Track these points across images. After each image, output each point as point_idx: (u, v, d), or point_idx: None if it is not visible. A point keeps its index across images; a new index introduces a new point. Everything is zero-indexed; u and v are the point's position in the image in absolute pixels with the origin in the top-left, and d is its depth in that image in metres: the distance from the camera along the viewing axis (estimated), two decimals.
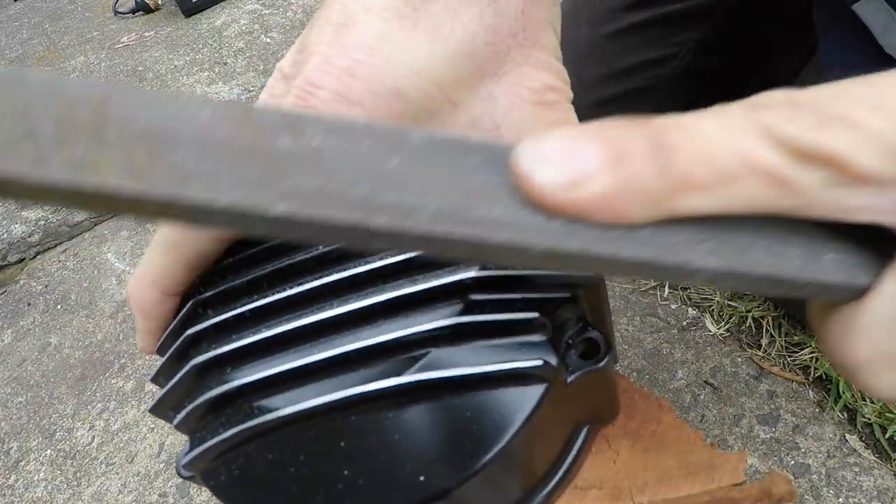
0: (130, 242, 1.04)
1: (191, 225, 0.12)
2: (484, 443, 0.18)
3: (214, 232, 0.21)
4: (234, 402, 0.19)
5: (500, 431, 0.18)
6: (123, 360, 0.84)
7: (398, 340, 0.19)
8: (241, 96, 1.16)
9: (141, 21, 1.51)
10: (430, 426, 0.18)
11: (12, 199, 0.11)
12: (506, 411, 0.18)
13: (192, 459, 0.20)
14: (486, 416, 0.18)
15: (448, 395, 0.18)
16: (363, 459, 0.18)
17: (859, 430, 0.56)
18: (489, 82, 0.23)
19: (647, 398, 0.27)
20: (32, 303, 0.98)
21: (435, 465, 0.18)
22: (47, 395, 0.83)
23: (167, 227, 0.21)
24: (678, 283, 0.14)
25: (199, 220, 0.11)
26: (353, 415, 0.18)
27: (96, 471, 0.72)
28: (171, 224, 0.20)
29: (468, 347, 0.19)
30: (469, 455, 0.18)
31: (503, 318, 0.19)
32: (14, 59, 1.46)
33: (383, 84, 0.20)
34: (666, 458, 0.27)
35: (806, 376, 0.60)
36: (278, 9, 1.39)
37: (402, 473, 0.18)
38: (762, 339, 0.64)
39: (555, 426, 0.21)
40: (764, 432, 0.57)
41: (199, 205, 0.11)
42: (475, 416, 0.18)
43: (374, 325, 0.19)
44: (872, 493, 0.52)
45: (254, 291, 0.21)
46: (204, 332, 0.21)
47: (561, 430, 0.22)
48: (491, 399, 0.18)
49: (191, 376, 0.20)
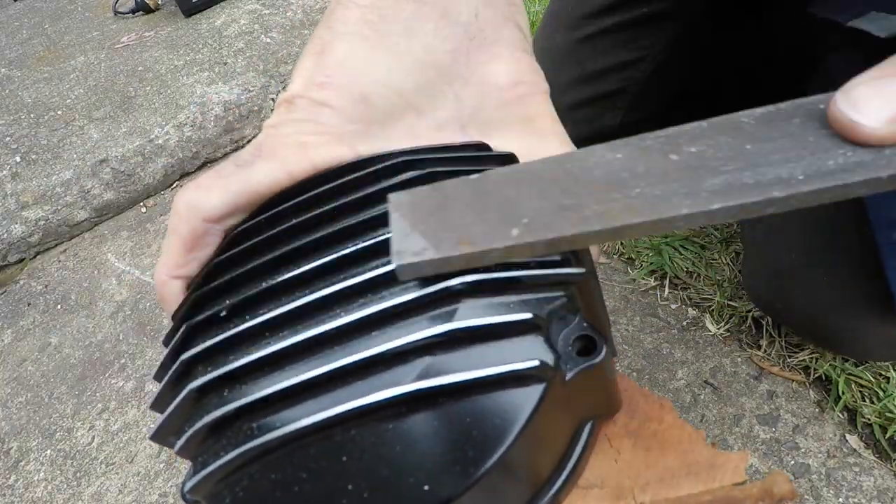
0: (130, 242, 1.04)
1: (657, 232, 0.17)
2: (486, 448, 0.18)
3: (206, 217, 0.23)
4: (234, 423, 0.19)
5: (501, 435, 0.18)
6: (123, 360, 0.84)
7: (394, 350, 0.19)
8: (240, 96, 1.16)
9: (141, 21, 1.51)
10: (431, 435, 0.18)
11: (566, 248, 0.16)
12: (506, 414, 0.18)
13: (195, 484, 0.19)
14: (487, 420, 0.18)
15: (447, 401, 0.18)
16: (366, 473, 0.18)
17: (859, 430, 0.56)
18: (456, 85, 0.25)
19: (649, 398, 0.27)
20: (32, 303, 0.98)
21: (438, 474, 0.17)
22: (47, 395, 0.83)
23: (171, 217, 0.24)
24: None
25: (669, 229, 0.16)
26: (353, 428, 0.18)
27: (96, 471, 0.72)
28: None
29: (465, 353, 0.19)
30: (472, 461, 0.18)
31: (498, 320, 0.19)
32: (14, 59, 1.46)
33: (351, 91, 0.24)
34: (667, 458, 0.27)
35: (806, 376, 0.60)
36: (278, 9, 1.39)
37: (405, 485, 0.17)
38: (762, 339, 0.64)
39: (557, 425, 0.21)
40: (764, 432, 0.57)
41: (666, 219, 0.15)
42: (476, 422, 0.18)
43: (368, 336, 0.19)
44: (872, 493, 0.52)
45: (246, 309, 0.21)
46: (198, 356, 0.21)
47: (564, 428, 0.22)
48: (491, 402, 0.18)
49: (188, 400, 0.20)
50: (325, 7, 1.36)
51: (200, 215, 0.23)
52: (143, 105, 1.18)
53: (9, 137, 1.17)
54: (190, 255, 0.24)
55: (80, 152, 1.10)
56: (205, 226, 0.23)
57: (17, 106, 1.26)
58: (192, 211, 0.23)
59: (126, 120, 1.15)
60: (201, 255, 0.24)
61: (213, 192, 0.23)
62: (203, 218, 0.23)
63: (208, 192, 0.23)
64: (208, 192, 0.23)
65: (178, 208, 0.23)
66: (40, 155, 1.11)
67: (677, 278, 0.72)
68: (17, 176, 1.08)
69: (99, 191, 1.08)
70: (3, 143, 1.16)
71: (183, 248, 0.24)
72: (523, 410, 0.18)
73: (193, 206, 0.23)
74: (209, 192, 0.23)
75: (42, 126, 1.18)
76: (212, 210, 0.23)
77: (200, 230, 0.23)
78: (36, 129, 1.18)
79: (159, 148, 1.11)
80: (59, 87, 1.30)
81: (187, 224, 0.23)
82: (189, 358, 0.21)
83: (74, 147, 1.11)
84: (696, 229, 0.75)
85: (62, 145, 1.12)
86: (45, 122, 1.19)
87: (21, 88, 1.32)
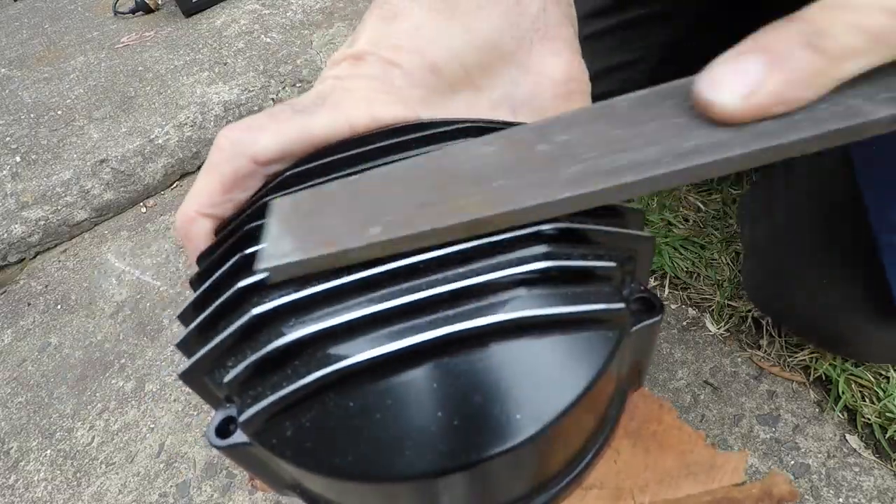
0: (130, 242, 1.04)
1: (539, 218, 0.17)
2: (572, 381, 0.18)
3: (252, 154, 0.23)
4: (305, 351, 0.19)
5: (586, 371, 0.19)
6: (123, 360, 0.84)
7: (488, 282, 0.19)
8: (240, 96, 1.16)
9: (141, 21, 1.51)
10: (522, 365, 0.19)
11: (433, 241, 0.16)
12: (590, 352, 0.19)
13: (251, 417, 0.19)
14: (573, 355, 0.19)
15: (538, 333, 0.19)
16: (457, 401, 0.18)
17: (859, 430, 0.56)
18: (514, 70, 0.26)
19: (648, 398, 0.27)
20: (32, 303, 0.98)
21: (529, 403, 0.18)
22: (47, 395, 0.83)
23: (212, 153, 0.23)
24: (857, 140, 0.15)
25: (523, 220, 0.16)
26: (444, 356, 0.18)
27: (96, 471, 0.72)
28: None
29: (553, 291, 0.19)
30: (559, 393, 0.18)
31: (588, 265, 0.20)
32: (14, 59, 1.46)
33: (422, 58, 0.24)
34: (667, 459, 0.27)
35: (806, 376, 0.60)
36: (278, 9, 1.39)
37: (496, 413, 0.18)
38: (762, 339, 0.64)
39: (611, 380, 0.22)
40: (764, 432, 0.57)
41: (517, 210, 0.16)
42: (563, 356, 0.19)
43: (455, 269, 0.19)
44: (872, 493, 0.52)
45: None
46: (256, 285, 0.20)
47: (611, 388, 0.23)
48: (576, 339, 0.19)
49: (244, 330, 0.19)
50: (324, 7, 1.36)
51: (248, 155, 0.22)
52: (143, 105, 1.18)
53: (9, 137, 1.17)
54: (227, 195, 0.23)
55: (80, 152, 1.10)
56: (251, 167, 0.22)
57: (17, 106, 1.26)
58: (239, 149, 0.22)
59: (126, 120, 1.15)
60: (239, 197, 0.23)
61: (265, 134, 0.22)
62: (251, 158, 0.22)
63: (260, 132, 0.22)
64: (260, 133, 0.22)
65: (222, 145, 0.22)
66: (40, 155, 1.11)
67: (677, 278, 0.72)
68: (17, 176, 1.08)
69: (99, 191, 1.08)
70: (3, 143, 1.16)
71: (221, 186, 0.23)
72: (605, 349, 0.19)
73: (241, 144, 0.22)
74: (261, 132, 0.22)
75: (42, 126, 1.18)
76: (262, 151, 0.22)
77: (244, 171, 0.22)
78: (36, 129, 1.18)
79: (159, 148, 1.11)
80: (59, 87, 1.30)
81: (231, 163, 0.22)
82: (247, 286, 0.20)
83: (74, 147, 1.11)
84: (697, 228, 0.75)
85: (62, 145, 1.12)
86: (45, 122, 1.19)
87: (21, 88, 1.32)
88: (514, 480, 0.21)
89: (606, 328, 0.19)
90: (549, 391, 0.18)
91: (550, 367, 0.19)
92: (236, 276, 0.20)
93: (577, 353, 0.19)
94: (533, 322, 0.18)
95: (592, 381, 0.19)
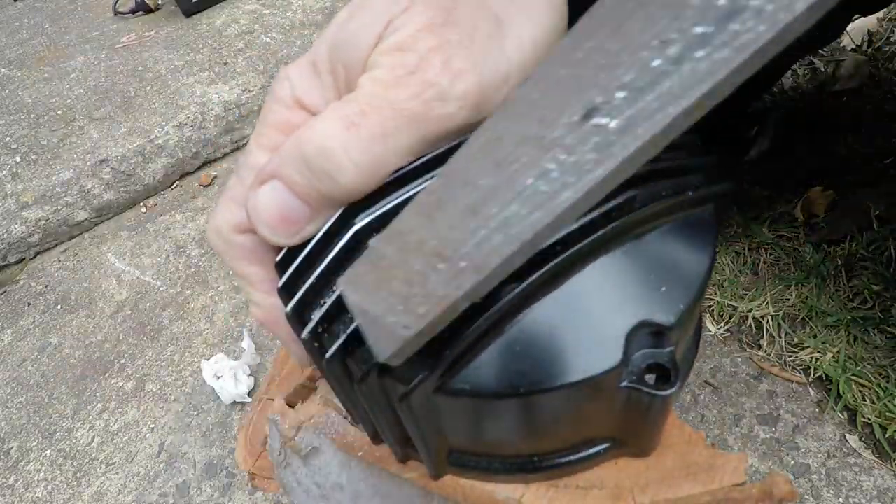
0: (130, 242, 1.04)
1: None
2: (694, 271, 0.22)
3: None
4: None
5: (704, 253, 0.22)
6: (123, 360, 0.84)
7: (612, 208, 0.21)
8: (240, 96, 1.16)
9: (141, 21, 1.51)
10: (648, 258, 0.21)
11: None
12: (703, 225, 0.23)
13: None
14: (690, 242, 0.22)
15: (653, 225, 0.22)
16: (585, 298, 0.20)
17: (859, 430, 0.56)
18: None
19: None
20: (32, 303, 0.98)
21: (654, 303, 0.21)
22: (47, 395, 0.83)
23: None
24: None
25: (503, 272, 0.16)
26: (573, 260, 0.20)
27: (96, 471, 0.72)
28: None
29: (660, 184, 0.22)
30: (683, 289, 0.21)
31: (685, 162, 0.23)
32: (14, 59, 1.46)
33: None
34: (667, 459, 0.27)
35: (806, 376, 0.60)
36: (278, 9, 1.39)
37: (620, 315, 0.20)
38: (762, 339, 0.64)
39: None
40: (764, 432, 0.57)
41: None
42: (686, 235, 0.22)
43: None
44: (872, 493, 0.52)
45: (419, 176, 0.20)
46: (373, 224, 0.19)
47: None
48: (688, 220, 0.23)
49: (348, 249, 0.19)
50: (324, 7, 1.36)
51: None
52: (143, 105, 1.18)
53: (9, 137, 1.17)
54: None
55: (80, 152, 1.10)
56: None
57: (17, 106, 1.26)
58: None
59: (126, 120, 1.15)
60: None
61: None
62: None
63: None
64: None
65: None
66: (40, 155, 1.11)
67: None
68: (17, 176, 1.08)
69: (99, 191, 1.08)
70: (3, 143, 1.16)
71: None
72: (713, 229, 0.23)
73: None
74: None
75: (42, 126, 1.18)
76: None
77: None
78: (36, 129, 1.18)
79: (159, 148, 1.11)
80: (59, 87, 1.30)
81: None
82: (355, 209, 0.19)
83: (74, 147, 1.11)
84: None
85: (62, 145, 1.12)
86: (45, 122, 1.19)
87: (21, 88, 1.32)
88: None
89: (706, 204, 0.23)
90: (673, 286, 0.21)
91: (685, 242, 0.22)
92: (351, 216, 0.20)
93: (693, 232, 0.22)
94: (662, 210, 0.21)
95: (710, 264, 0.22)
